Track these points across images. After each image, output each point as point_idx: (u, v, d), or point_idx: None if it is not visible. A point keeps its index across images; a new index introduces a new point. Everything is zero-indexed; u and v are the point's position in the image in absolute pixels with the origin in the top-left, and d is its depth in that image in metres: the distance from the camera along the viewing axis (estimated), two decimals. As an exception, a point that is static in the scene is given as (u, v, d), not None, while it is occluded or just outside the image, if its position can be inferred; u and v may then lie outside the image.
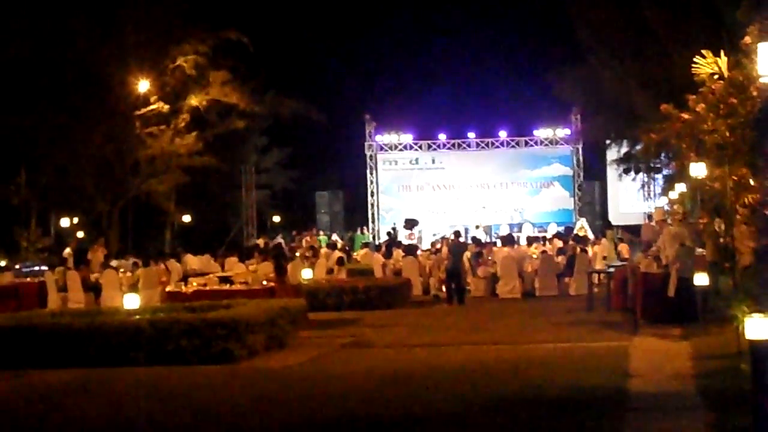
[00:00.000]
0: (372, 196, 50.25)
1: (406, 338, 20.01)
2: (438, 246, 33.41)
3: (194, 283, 23.95)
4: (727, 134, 18.45)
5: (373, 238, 47.12)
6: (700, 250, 21.90)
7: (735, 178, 18.18)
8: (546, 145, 49.12)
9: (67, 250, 33.98)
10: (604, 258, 30.31)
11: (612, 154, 48.22)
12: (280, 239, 41.87)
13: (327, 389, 13.92)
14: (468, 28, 60.56)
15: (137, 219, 48.90)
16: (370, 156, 50.17)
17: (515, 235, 39.61)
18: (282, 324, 18.21)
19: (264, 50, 45.26)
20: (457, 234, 29.78)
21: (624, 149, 45.60)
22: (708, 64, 18.74)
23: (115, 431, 12.10)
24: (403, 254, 32.38)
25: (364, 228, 48.06)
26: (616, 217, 48.36)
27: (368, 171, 50.21)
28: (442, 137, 49.88)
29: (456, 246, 28.54)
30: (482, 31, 59.29)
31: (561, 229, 41.57)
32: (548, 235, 38.48)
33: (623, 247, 31.91)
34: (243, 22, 43.12)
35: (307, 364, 16.46)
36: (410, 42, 61.91)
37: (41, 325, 17.36)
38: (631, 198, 49.53)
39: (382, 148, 50.16)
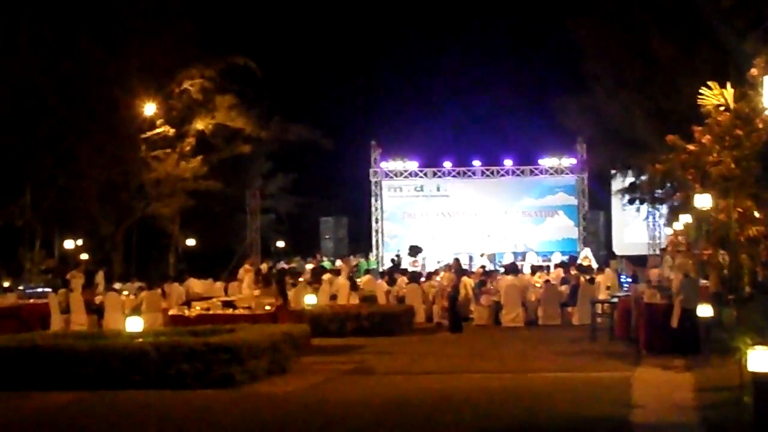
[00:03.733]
0: (376, 222, 50.25)
1: (408, 366, 19.96)
2: (441, 274, 33.27)
3: (197, 307, 23.89)
4: (733, 166, 18.49)
5: (378, 264, 47.00)
6: (703, 281, 21.84)
7: (740, 210, 18.20)
8: (551, 174, 49.13)
9: (72, 272, 33.86)
10: (608, 288, 30.18)
11: (617, 184, 48.17)
12: (283, 264, 41.80)
13: (328, 416, 13.90)
14: (475, 56, 60.48)
15: (141, 242, 48.89)
16: (375, 182, 50.22)
17: (519, 263, 39.53)
18: (284, 349, 18.17)
19: (271, 75, 45.38)
20: (456, 261, 30.04)
21: (629, 179, 45.57)
22: (714, 96, 18.80)
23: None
24: (407, 281, 32.31)
25: (350, 258, 47.41)
26: (620, 247, 48.21)
27: (373, 197, 50.25)
28: (447, 165, 49.91)
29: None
30: (489, 60, 59.26)
31: (565, 258, 41.51)
32: (552, 264, 38.42)
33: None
34: (250, 48, 43.37)
35: (308, 389, 16.41)
36: (417, 69, 61.95)
37: (44, 347, 17.27)
38: (635, 228, 49.50)
39: (387, 175, 50.20)
